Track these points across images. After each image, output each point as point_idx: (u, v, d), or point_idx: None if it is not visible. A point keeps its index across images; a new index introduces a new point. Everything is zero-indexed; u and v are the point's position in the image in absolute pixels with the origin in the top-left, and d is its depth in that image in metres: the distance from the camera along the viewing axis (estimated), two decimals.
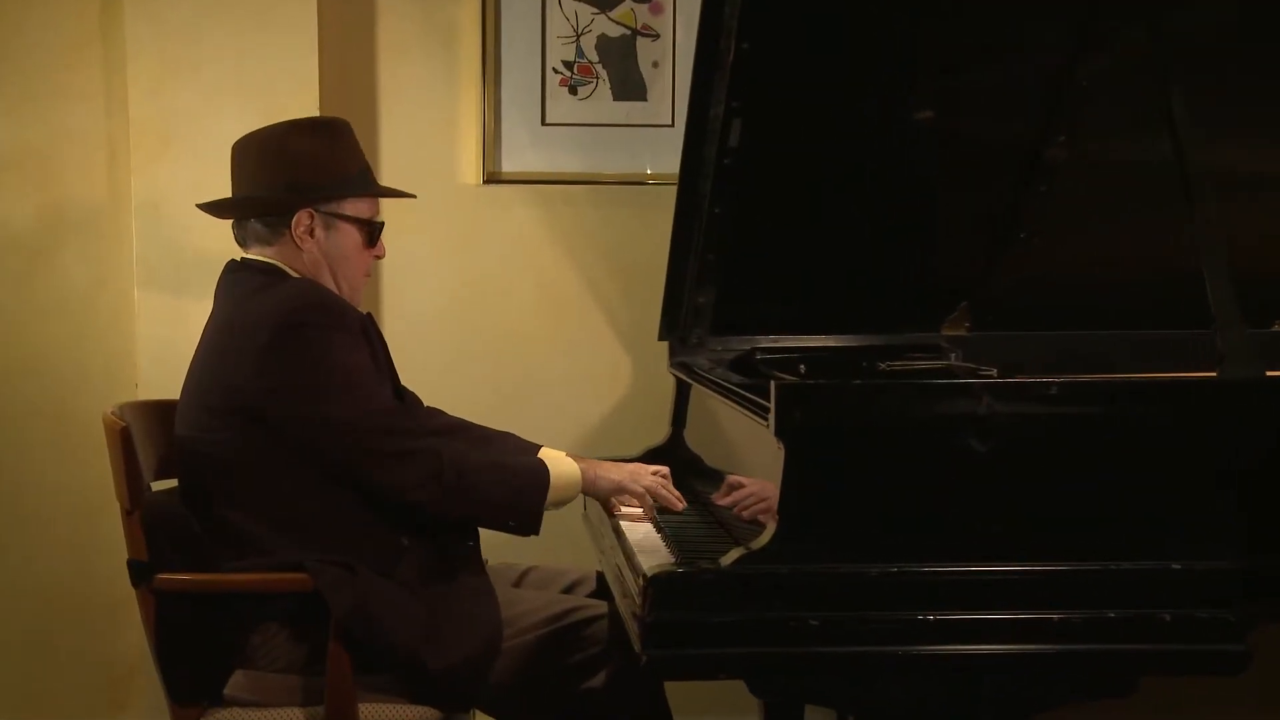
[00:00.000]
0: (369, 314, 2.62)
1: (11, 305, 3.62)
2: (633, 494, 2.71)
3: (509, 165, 3.67)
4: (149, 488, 2.61)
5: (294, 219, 2.59)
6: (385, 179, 3.31)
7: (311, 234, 2.60)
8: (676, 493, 2.76)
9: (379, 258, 2.72)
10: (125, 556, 2.50)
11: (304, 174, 2.58)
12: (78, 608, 3.67)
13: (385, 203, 2.88)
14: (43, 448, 3.64)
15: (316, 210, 2.60)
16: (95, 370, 3.62)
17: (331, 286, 2.62)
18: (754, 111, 2.79)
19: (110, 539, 2.94)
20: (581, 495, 2.71)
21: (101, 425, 2.52)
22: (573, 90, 3.67)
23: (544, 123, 3.67)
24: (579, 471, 2.65)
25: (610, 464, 2.75)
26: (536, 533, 2.57)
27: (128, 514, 2.49)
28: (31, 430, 3.64)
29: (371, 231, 2.67)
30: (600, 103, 3.68)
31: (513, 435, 2.94)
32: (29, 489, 3.65)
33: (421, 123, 3.67)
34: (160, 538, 2.52)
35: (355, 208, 2.64)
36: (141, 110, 3.44)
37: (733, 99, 2.77)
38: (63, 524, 3.65)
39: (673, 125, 3.66)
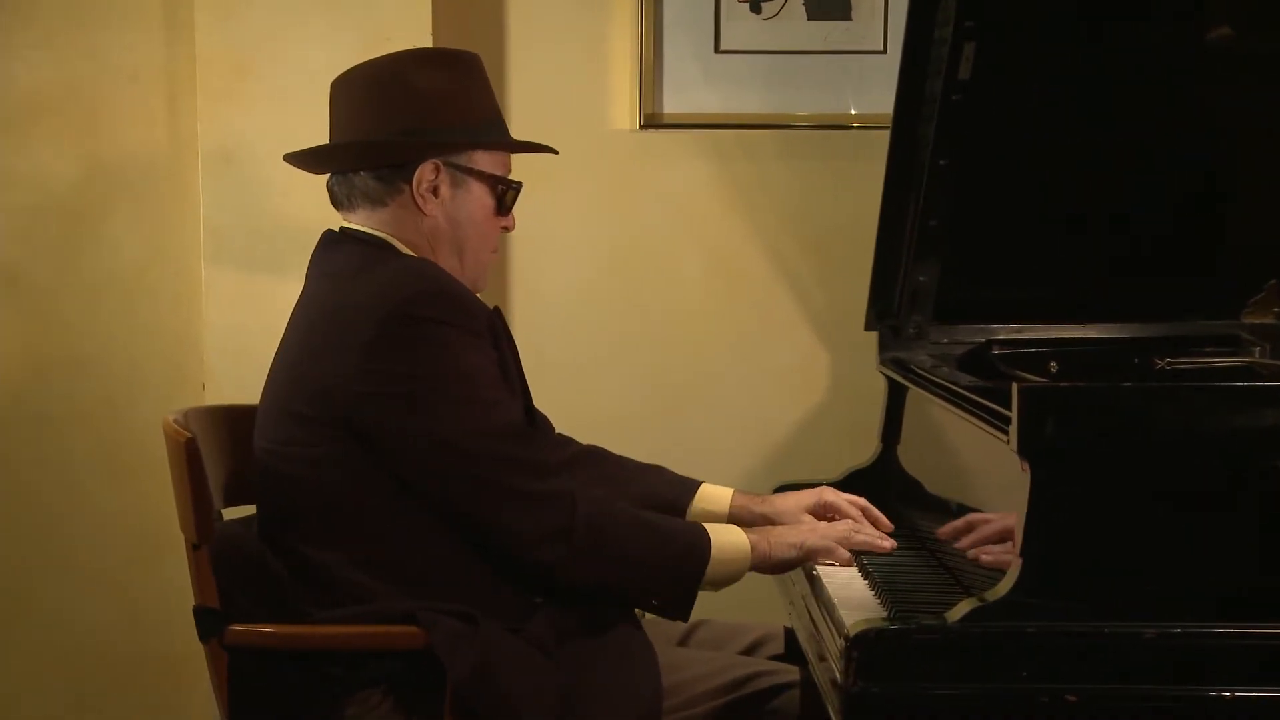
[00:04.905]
0: (497, 308, 2.65)
1: (50, 284, 3.72)
2: (823, 554, 2.67)
3: (673, 105, 3.70)
4: (220, 515, 2.67)
5: (416, 173, 2.63)
6: (516, 125, 3.30)
7: (436, 193, 2.64)
8: (880, 528, 2.76)
9: (507, 230, 2.75)
10: (190, 602, 2.56)
11: (430, 116, 2.62)
12: (130, 665, 3.76)
13: (512, 157, 2.92)
14: (87, 464, 3.73)
15: (444, 163, 2.64)
16: (153, 367, 3.72)
17: (454, 265, 2.66)
18: (993, 33, 2.78)
19: (171, 580, 3.02)
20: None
21: (161, 436, 2.59)
22: (755, 8, 3.69)
23: (718, 50, 3.69)
24: (748, 545, 2.64)
25: (784, 528, 2.73)
26: (685, 618, 2.60)
27: (194, 549, 2.54)
28: (74, 442, 3.74)
29: (506, 194, 2.70)
30: (791, 23, 3.69)
31: (663, 470, 2.95)
32: (70, 517, 3.74)
33: (562, 52, 3.71)
34: (234, 579, 2.57)
35: (488, 161, 2.68)
36: (210, 39, 3.51)
37: (965, 17, 2.76)
38: (112, 560, 3.74)
39: (884, 52, 3.67)
